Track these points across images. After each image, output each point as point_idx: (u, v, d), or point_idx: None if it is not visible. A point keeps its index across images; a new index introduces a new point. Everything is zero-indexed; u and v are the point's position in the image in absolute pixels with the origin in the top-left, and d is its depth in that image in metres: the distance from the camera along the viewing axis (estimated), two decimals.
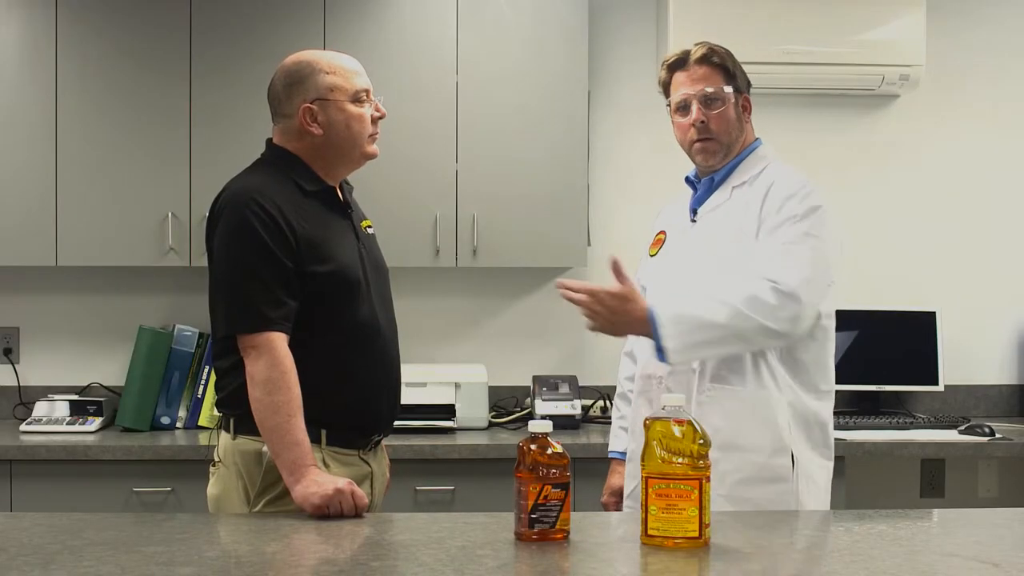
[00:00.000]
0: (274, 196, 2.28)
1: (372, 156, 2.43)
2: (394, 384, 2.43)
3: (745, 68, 2.59)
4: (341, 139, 2.36)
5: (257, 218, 2.24)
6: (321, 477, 2.16)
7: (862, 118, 4.10)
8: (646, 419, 1.91)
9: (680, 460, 1.84)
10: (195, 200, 3.62)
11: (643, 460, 1.87)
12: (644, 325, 2.32)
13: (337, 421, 2.31)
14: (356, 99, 2.37)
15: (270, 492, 2.26)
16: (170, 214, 3.62)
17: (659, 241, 2.66)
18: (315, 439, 2.26)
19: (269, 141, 2.43)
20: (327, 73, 2.35)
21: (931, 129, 4.12)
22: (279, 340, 2.22)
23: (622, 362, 2.81)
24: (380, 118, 2.43)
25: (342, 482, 2.14)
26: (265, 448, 2.24)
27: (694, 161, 2.59)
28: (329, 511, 2.10)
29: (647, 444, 1.87)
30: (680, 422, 1.86)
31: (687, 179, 2.64)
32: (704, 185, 2.57)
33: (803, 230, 2.39)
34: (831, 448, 2.52)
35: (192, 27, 3.62)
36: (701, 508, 1.83)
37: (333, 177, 2.41)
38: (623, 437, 2.72)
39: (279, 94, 2.38)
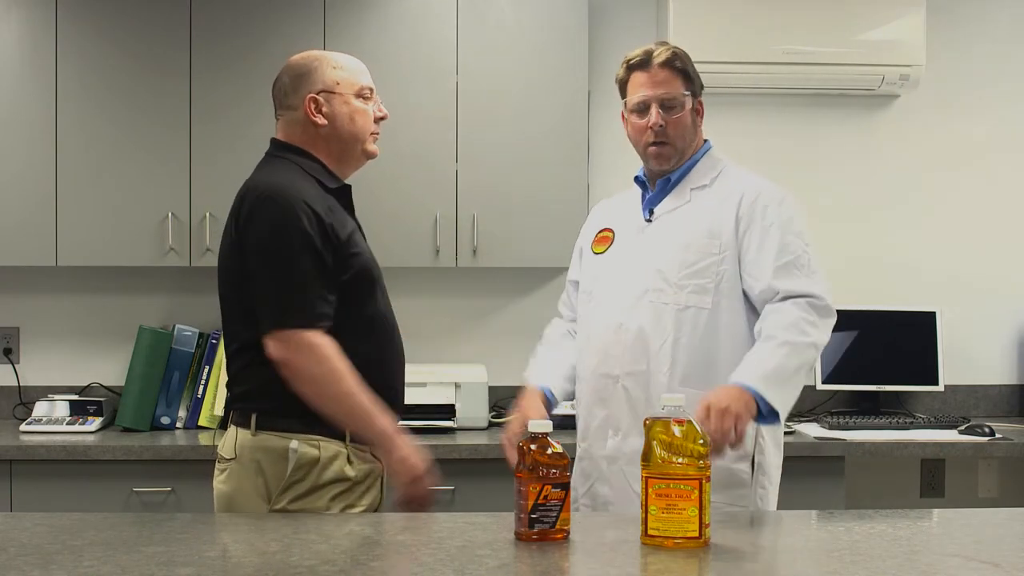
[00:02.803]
0: (309, 192, 2.29)
1: (372, 155, 2.46)
2: (403, 378, 2.47)
3: (745, 68, 2.60)
4: (345, 132, 2.39)
5: (304, 214, 2.24)
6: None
7: (862, 118, 4.10)
8: (646, 419, 1.92)
9: (680, 460, 1.84)
10: (195, 200, 3.62)
11: (643, 460, 1.87)
12: (744, 399, 2.27)
13: None
14: (360, 95, 2.41)
15: (296, 489, 2.26)
16: (170, 214, 3.62)
17: (605, 239, 2.62)
18: (341, 436, 2.29)
19: (274, 139, 2.44)
20: (334, 68, 2.40)
21: (931, 129, 4.11)
22: (325, 336, 2.25)
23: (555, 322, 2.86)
24: (382, 118, 2.47)
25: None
26: (293, 444, 2.25)
27: (646, 163, 2.60)
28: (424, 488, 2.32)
29: (647, 444, 1.87)
30: (680, 422, 1.87)
31: (637, 179, 2.64)
32: (659, 186, 2.57)
33: (798, 237, 2.45)
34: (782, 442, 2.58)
35: (192, 27, 3.62)
36: (701, 508, 1.83)
37: (342, 175, 2.44)
38: (546, 373, 2.69)
39: (285, 87, 2.40)
